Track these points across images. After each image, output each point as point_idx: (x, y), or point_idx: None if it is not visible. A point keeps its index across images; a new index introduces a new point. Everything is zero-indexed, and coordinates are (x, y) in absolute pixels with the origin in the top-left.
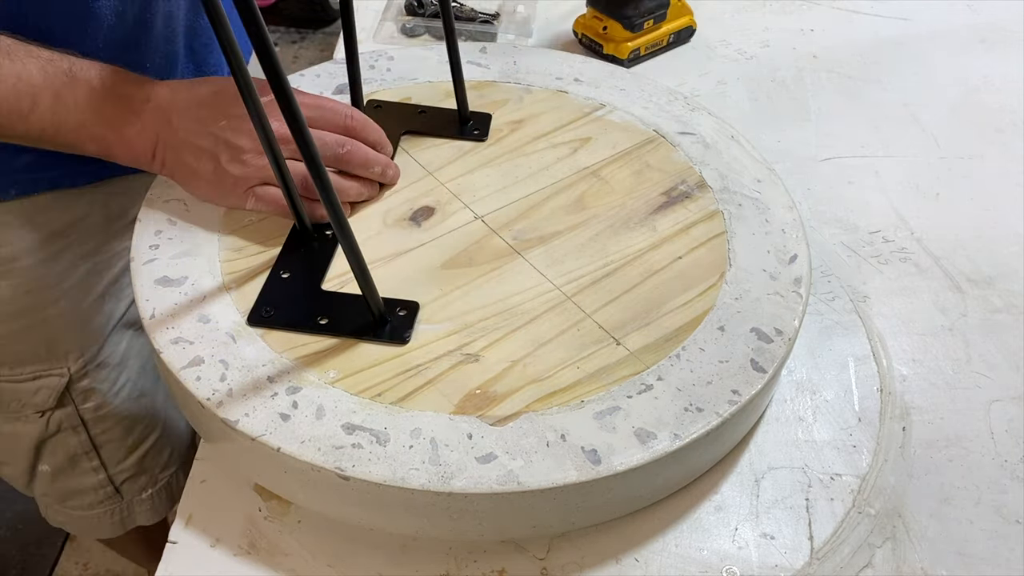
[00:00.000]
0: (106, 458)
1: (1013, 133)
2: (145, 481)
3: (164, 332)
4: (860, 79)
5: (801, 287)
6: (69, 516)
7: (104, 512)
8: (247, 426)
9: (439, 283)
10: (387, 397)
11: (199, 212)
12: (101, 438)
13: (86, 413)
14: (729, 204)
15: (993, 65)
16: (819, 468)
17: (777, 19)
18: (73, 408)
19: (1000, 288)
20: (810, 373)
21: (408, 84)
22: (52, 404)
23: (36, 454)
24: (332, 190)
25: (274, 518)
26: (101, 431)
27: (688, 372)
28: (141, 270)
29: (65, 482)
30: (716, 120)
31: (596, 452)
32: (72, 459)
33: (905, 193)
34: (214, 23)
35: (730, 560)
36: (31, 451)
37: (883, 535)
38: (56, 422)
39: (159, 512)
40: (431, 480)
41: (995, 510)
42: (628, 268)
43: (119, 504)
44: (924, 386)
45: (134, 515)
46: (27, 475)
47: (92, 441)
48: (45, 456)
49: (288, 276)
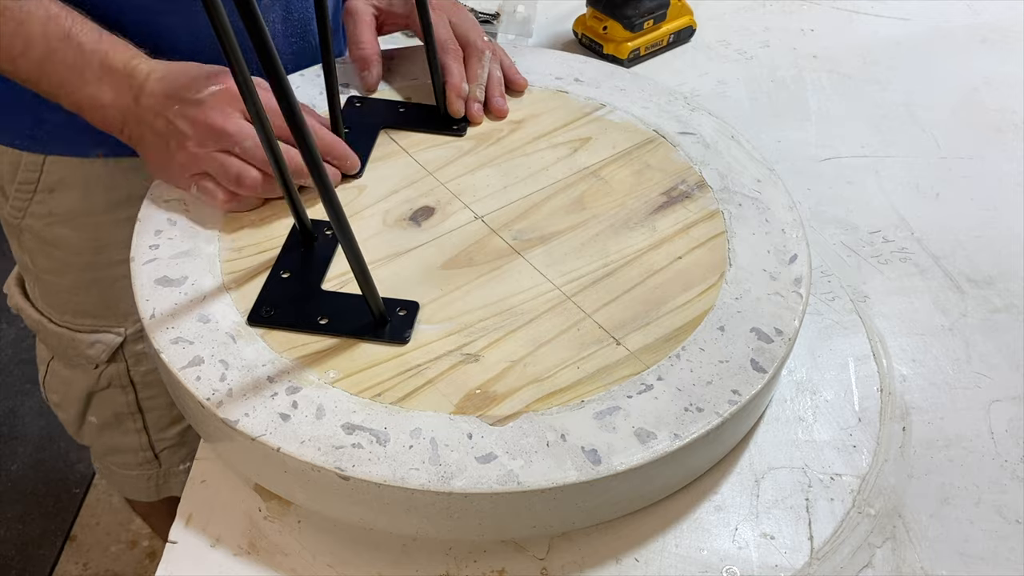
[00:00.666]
0: (150, 423)
1: (1013, 133)
2: (185, 454)
3: (164, 332)
4: (860, 79)
5: (801, 287)
6: (110, 471)
7: (141, 475)
8: (247, 426)
9: (439, 283)
10: (387, 397)
11: (199, 212)
12: (148, 403)
13: (136, 375)
14: (729, 204)
15: (993, 65)
16: (819, 468)
17: (777, 19)
18: (124, 367)
19: (1000, 288)
20: (810, 373)
21: (409, 83)
22: (105, 359)
23: (86, 404)
24: (332, 190)
25: (274, 518)
26: (148, 396)
27: (688, 372)
28: (141, 270)
29: (110, 437)
30: (716, 120)
31: (596, 452)
32: (118, 416)
33: (905, 193)
34: (214, 23)
35: (730, 560)
36: (82, 400)
37: (883, 535)
38: (107, 377)
39: None
40: (431, 480)
41: (995, 510)
42: (628, 268)
43: (157, 470)
44: (924, 386)
45: (169, 484)
46: (77, 422)
47: (139, 403)
48: (94, 407)
49: (288, 276)
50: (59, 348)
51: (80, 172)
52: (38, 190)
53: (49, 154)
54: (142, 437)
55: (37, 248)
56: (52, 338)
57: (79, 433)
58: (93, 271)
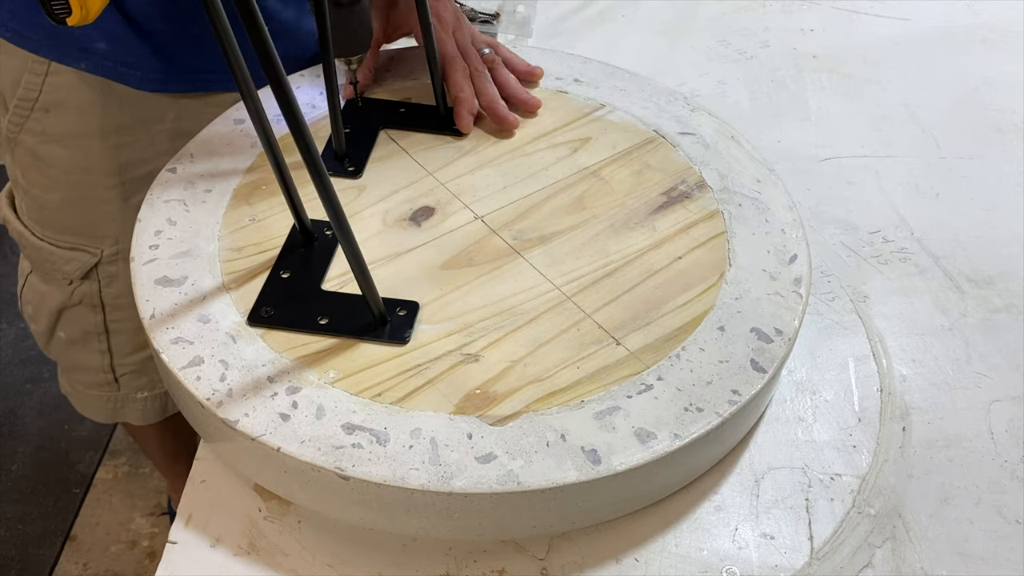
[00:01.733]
0: (114, 346)
1: (1013, 133)
2: (144, 383)
3: (164, 332)
4: (860, 79)
5: (801, 287)
6: (72, 388)
7: (100, 396)
8: (247, 426)
9: (439, 283)
10: (387, 397)
11: (199, 212)
12: (114, 325)
13: (107, 297)
14: (729, 204)
15: (993, 65)
16: (819, 468)
17: (777, 19)
18: (96, 286)
19: (1000, 288)
20: (810, 373)
21: (409, 83)
22: (79, 276)
23: (57, 318)
24: (332, 190)
25: (274, 518)
26: (116, 319)
27: (688, 372)
28: (141, 270)
29: (75, 354)
30: (716, 120)
31: (596, 452)
32: (85, 335)
33: (905, 193)
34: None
35: (730, 560)
36: (54, 314)
37: (883, 535)
38: (80, 295)
39: (147, 417)
40: (431, 480)
41: (995, 510)
42: (628, 268)
43: (115, 393)
44: (924, 386)
45: (125, 410)
46: (47, 334)
47: (106, 325)
48: (63, 322)
49: (288, 276)
50: (38, 261)
51: (76, 94)
52: (35, 108)
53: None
54: (105, 359)
55: (29, 163)
56: (33, 251)
57: (47, 346)
58: (79, 190)
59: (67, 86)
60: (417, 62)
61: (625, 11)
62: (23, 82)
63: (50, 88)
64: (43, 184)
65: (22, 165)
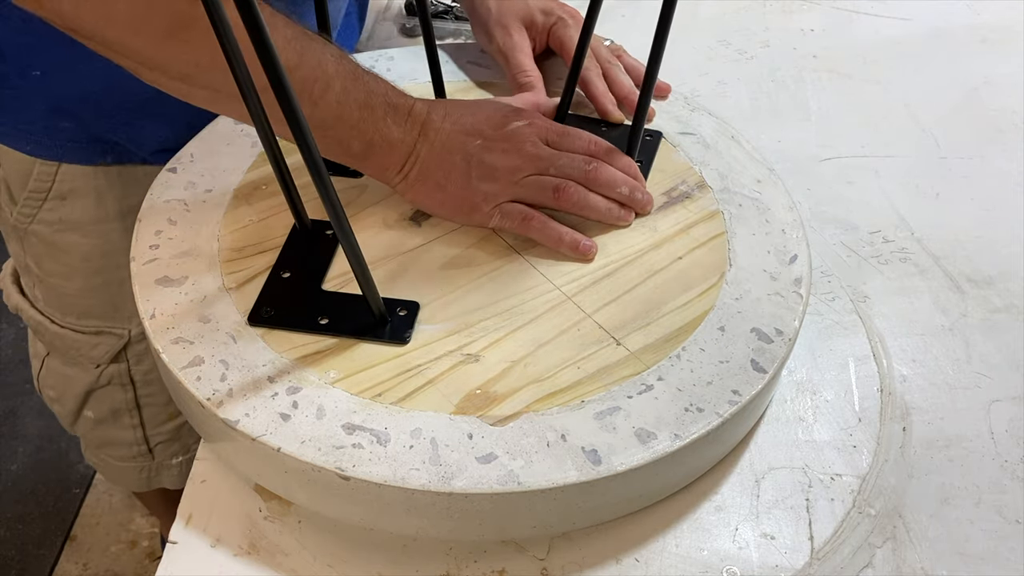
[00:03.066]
0: (146, 418)
1: (1013, 133)
2: (177, 448)
3: (164, 332)
4: (860, 79)
5: (801, 287)
6: (103, 461)
7: (134, 467)
8: (247, 426)
9: (439, 283)
10: (387, 397)
11: (199, 212)
12: (146, 399)
13: (137, 374)
14: (729, 204)
15: (993, 65)
16: (819, 468)
17: (777, 19)
18: (126, 366)
19: (1000, 288)
20: (810, 373)
21: (408, 84)
22: (107, 359)
23: (84, 399)
24: (332, 190)
25: (274, 518)
26: (147, 393)
27: (688, 372)
28: (141, 270)
29: (105, 431)
30: (716, 120)
31: (596, 452)
32: (115, 412)
33: (905, 193)
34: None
35: (730, 560)
36: (81, 396)
37: (883, 535)
38: (108, 376)
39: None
40: (431, 480)
41: (995, 510)
42: (628, 268)
43: (150, 463)
44: (924, 386)
45: (161, 476)
46: (73, 416)
47: (137, 400)
48: (91, 403)
49: (288, 276)
50: (61, 348)
51: (92, 181)
52: (49, 197)
53: (61, 161)
54: (138, 432)
55: (44, 252)
56: (54, 339)
57: (73, 427)
58: (101, 275)
59: (82, 174)
60: (417, 61)
61: (625, 11)
62: (35, 174)
63: (64, 177)
64: (62, 273)
65: (35, 255)
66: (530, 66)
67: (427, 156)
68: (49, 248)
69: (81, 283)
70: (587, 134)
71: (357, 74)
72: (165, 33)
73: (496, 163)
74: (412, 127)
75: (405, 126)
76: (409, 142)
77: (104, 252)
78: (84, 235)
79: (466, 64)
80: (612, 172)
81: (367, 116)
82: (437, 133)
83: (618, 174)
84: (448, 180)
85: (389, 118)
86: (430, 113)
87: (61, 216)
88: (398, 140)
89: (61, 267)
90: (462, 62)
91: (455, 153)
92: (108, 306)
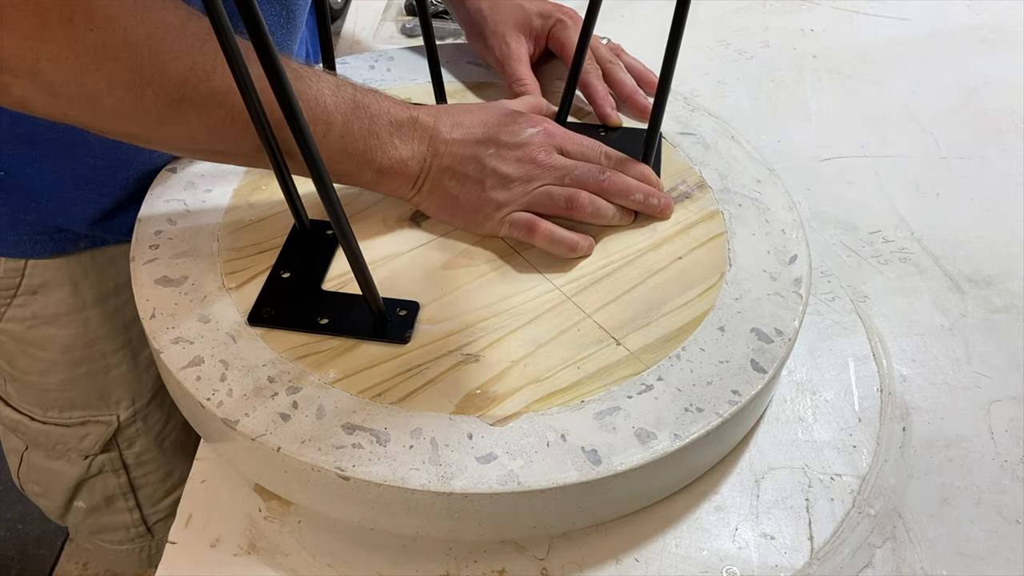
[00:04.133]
0: (142, 499)
1: (1013, 133)
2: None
3: (164, 332)
4: (860, 79)
5: (801, 287)
6: (98, 547)
7: (133, 548)
8: (247, 426)
9: (439, 283)
10: (387, 397)
11: (199, 212)
12: (140, 480)
13: (129, 457)
14: (729, 204)
15: (993, 65)
16: (819, 468)
17: (777, 19)
18: (117, 453)
19: (1000, 288)
20: (810, 373)
21: (408, 84)
22: (97, 450)
23: (74, 492)
24: (332, 190)
25: (274, 518)
26: (141, 474)
27: (688, 372)
28: (141, 270)
29: (99, 518)
30: (716, 120)
31: (596, 452)
32: (109, 499)
33: (905, 193)
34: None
35: (730, 560)
36: (70, 489)
37: (883, 535)
38: (98, 465)
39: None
40: (431, 480)
41: (995, 510)
42: (628, 268)
43: (149, 542)
44: (924, 386)
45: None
46: (62, 509)
47: (131, 483)
48: (83, 494)
49: (288, 276)
50: (44, 443)
51: (66, 270)
52: (19, 294)
53: (30, 257)
54: (134, 514)
55: (17, 350)
56: (37, 435)
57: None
58: (84, 365)
59: (52, 266)
60: (417, 61)
61: (625, 11)
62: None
63: (33, 272)
64: (38, 369)
65: (6, 354)
66: (527, 75)
67: (439, 169)
68: (22, 346)
69: (62, 376)
70: (598, 143)
71: (357, 101)
72: (158, 119)
73: (511, 173)
74: (420, 142)
75: (413, 142)
76: (419, 158)
77: (86, 341)
78: (62, 326)
79: (466, 64)
80: (626, 180)
81: (374, 144)
82: (447, 145)
83: (632, 181)
84: (461, 190)
85: (395, 138)
86: (437, 124)
87: (34, 311)
88: (408, 158)
89: (38, 363)
90: (462, 62)
91: (468, 164)
92: (93, 395)
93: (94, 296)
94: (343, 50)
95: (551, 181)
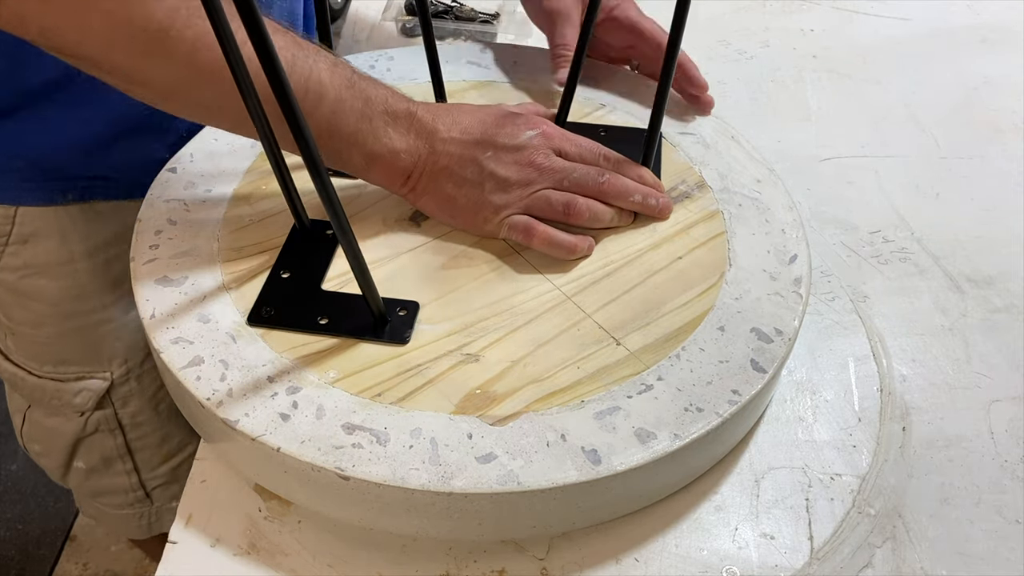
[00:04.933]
0: (140, 463)
1: (1013, 133)
2: (176, 490)
3: (164, 332)
4: (860, 79)
5: (801, 287)
6: (100, 511)
7: (133, 514)
8: (247, 426)
9: (439, 283)
10: (387, 397)
11: (199, 212)
12: (137, 443)
13: (124, 417)
14: (729, 204)
15: (993, 65)
16: (819, 468)
17: (777, 19)
18: (112, 411)
19: (1000, 288)
20: (810, 373)
21: (408, 84)
22: (92, 406)
23: (72, 450)
24: (332, 190)
25: (274, 518)
26: (137, 436)
27: (688, 372)
28: (141, 270)
29: (98, 480)
30: (716, 120)
31: (596, 452)
32: (106, 460)
33: (905, 193)
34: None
35: (730, 560)
36: (68, 447)
37: (883, 535)
38: (94, 423)
39: None
40: (431, 480)
41: (995, 510)
42: (628, 268)
43: (148, 508)
44: (924, 386)
45: (162, 521)
46: (63, 468)
47: (128, 445)
48: (81, 453)
49: (288, 276)
50: (41, 398)
51: (55, 220)
52: (10, 242)
53: (18, 205)
54: (132, 478)
55: (12, 301)
56: (34, 390)
57: (64, 479)
58: (75, 319)
59: (43, 214)
60: (417, 61)
61: None
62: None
63: (24, 220)
64: (32, 320)
65: (3, 304)
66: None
67: (436, 167)
68: (16, 296)
69: (54, 328)
70: (597, 144)
71: (353, 82)
72: (144, 49)
73: (509, 176)
74: (417, 137)
75: (408, 136)
76: (414, 152)
77: (75, 295)
78: (52, 278)
79: (466, 64)
80: (624, 182)
81: (365, 127)
82: (446, 144)
83: (630, 183)
84: (459, 191)
85: (390, 127)
86: (436, 122)
87: (26, 260)
88: (401, 150)
89: (31, 314)
90: (462, 62)
91: (466, 166)
92: (86, 350)
93: (83, 249)
94: (343, 50)
95: (549, 184)
